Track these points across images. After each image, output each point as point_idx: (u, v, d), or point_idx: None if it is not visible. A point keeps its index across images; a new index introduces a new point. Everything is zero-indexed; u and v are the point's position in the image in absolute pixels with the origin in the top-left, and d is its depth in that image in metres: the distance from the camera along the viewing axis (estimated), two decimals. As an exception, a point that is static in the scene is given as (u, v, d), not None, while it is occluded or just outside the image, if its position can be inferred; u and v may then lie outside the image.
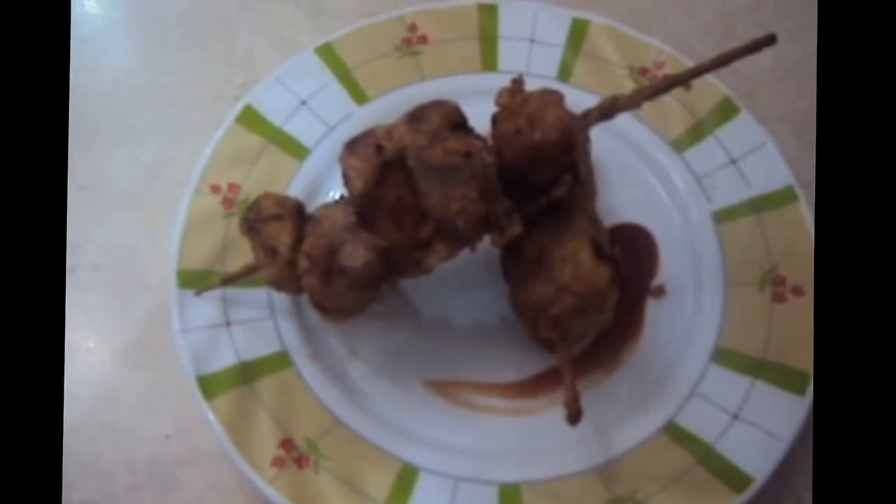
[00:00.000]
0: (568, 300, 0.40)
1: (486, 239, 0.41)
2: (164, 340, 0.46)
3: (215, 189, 0.49)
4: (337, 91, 0.54)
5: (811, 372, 0.43)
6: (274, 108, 0.53)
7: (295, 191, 0.50)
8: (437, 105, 0.41)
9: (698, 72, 0.40)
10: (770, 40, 0.39)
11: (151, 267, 0.50)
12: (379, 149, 0.40)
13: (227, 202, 0.49)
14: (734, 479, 0.41)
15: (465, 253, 0.42)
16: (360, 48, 0.55)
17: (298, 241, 0.41)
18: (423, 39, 0.56)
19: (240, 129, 0.52)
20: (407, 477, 0.41)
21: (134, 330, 0.48)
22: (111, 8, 0.62)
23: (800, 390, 0.43)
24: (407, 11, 0.57)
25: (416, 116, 0.41)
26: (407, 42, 0.56)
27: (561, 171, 0.40)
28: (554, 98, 0.40)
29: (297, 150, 0.52)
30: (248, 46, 0.60)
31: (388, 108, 0.53)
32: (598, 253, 0.40)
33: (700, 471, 0.41)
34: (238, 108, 0.52)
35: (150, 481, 0.44)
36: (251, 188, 0.49)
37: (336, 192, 0.50)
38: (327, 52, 0.55)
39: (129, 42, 0.61)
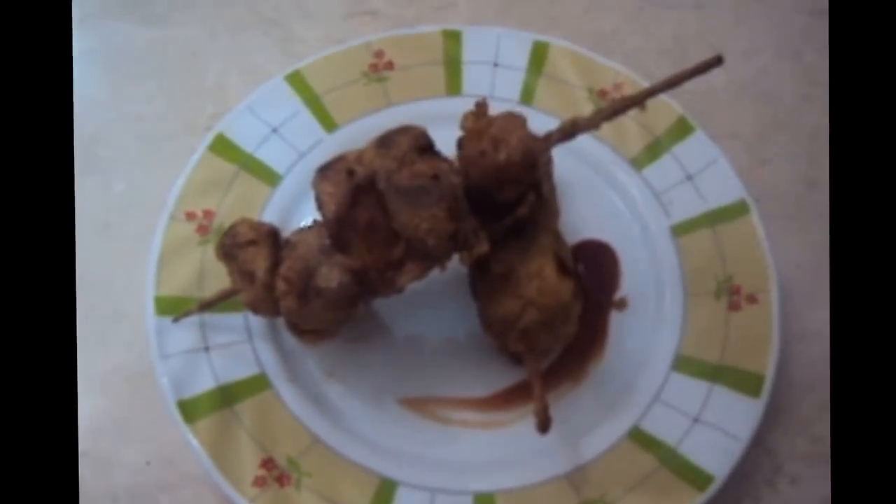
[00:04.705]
0: (534, 314, 0.42)
1: (455, 258, 0.43)
2: (142, 368, 0.47)
3: (190, 216, 0.50)
4: (307, 118, 0.55)
5: (766, 374, 0.46)
6: (245, 135, 0.54)
7: (269, 216, 0.51)
8: (404, 130, 0.43)
9: (651, 93, 0.42)
10: (717, 62, 0.41)
11: (128, 296, 0.50)
12: (350, 173, 0.41)
13: (202, 229, 0.50)
14: (696, 478, 0.43)
15: (435, 273, 0.43)
16: (328, 75, 0.57)
17: (274, 264, 0.42)
18: (390, 65, 0.58)
19: (212, 156, 0.53)
20: (385, 491, 0.43)
21: (112, 358, 0.49)
22: (79, 38, 0.62)
23: (755, 392, 0.45)
24: (374, 38, 0.58)
25: (385, 141, 0.43)
26: (374, 68, 0.57)
27: (525, 190, 0.42)
28: (517, 121, 0.42)
29: (269, 177, 0.53)
30: (218, 76, 0.61)
31: (356, 134, 0.54)
32: (562, 268, 0.42)
33: (664, 472, 0.43)
34: (210, 136, 0.53)
35: (132, 506, 0.44)
36: (225, 215, 0.51)
37: (309, 217, 0.51)
38: (297, 80, 0.56)
39: (97, 72, 0.62)
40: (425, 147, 0.42)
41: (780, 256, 0.50)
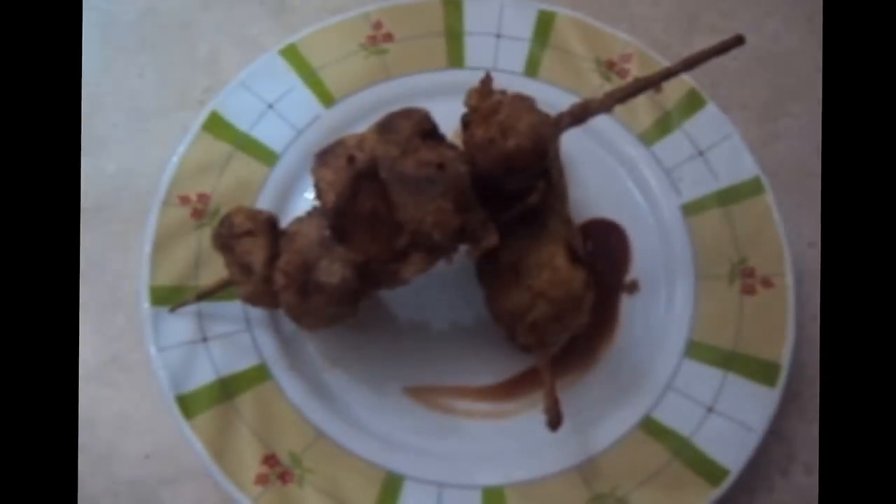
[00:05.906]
0: (544, 307, 0.40)
1: (461, 247, 0.41)
2: (139, 357, 0.46)
3: (184, 200, 0.48)
4: (303, 93, 0.53)
5: (782, 363, 0.44)
6: (240, 113, 0.52)
7: (266, 197, 0.50)
8: (407, 113, 0.41)
9: (668, 75, 0.40)
10: (737, 41, 0.39)
11: (123, 282, 0.49)
12: (350, 160, 0.40)
13: (197, 213, 0.48)
14: (710, 471, 0.42)
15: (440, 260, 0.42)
16: (325, 48, 0.55)
17: (273, 257, 0.40)
18: (389, 37, 0.55)
19: (206, 136, 0.51)
20: (392, 486, 0.42)
21: (108, 348, 0.47)
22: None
23: (771, 382, 0.44)
24: (371, 8, 0.56)
25: (387, 126, 0.40)
26: (372, 40, 0.55)
27: (534, 178, 0.40)
28: (525, 105, 0.40)
29: (265, 156, 0.51)
30: (211, 47, 0.59)
31: (355, 108, 0.53)
32: (573, 257, 0.41)
33: (677, 465, 0.42)
34: (203, 114, 0.51)
35: (133, 503, 0.43)
36: (221, 197, 0.49)
37: (308, 196, 0.49)
38: (292, 54, 0.54)
39: (86, 45, 0.59)
40: (429, 131, 0.40)
41: (792, 234, 0.49)
